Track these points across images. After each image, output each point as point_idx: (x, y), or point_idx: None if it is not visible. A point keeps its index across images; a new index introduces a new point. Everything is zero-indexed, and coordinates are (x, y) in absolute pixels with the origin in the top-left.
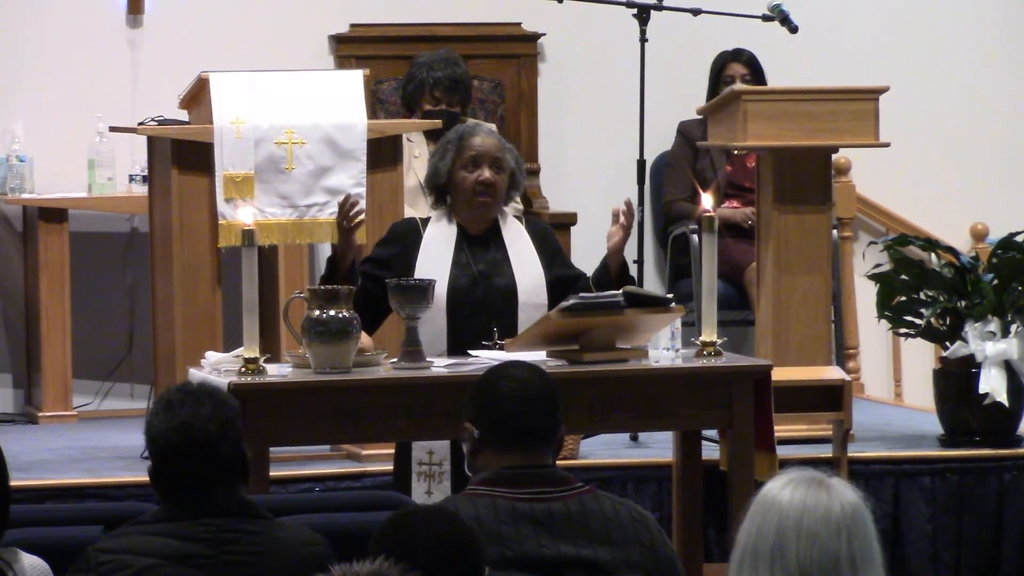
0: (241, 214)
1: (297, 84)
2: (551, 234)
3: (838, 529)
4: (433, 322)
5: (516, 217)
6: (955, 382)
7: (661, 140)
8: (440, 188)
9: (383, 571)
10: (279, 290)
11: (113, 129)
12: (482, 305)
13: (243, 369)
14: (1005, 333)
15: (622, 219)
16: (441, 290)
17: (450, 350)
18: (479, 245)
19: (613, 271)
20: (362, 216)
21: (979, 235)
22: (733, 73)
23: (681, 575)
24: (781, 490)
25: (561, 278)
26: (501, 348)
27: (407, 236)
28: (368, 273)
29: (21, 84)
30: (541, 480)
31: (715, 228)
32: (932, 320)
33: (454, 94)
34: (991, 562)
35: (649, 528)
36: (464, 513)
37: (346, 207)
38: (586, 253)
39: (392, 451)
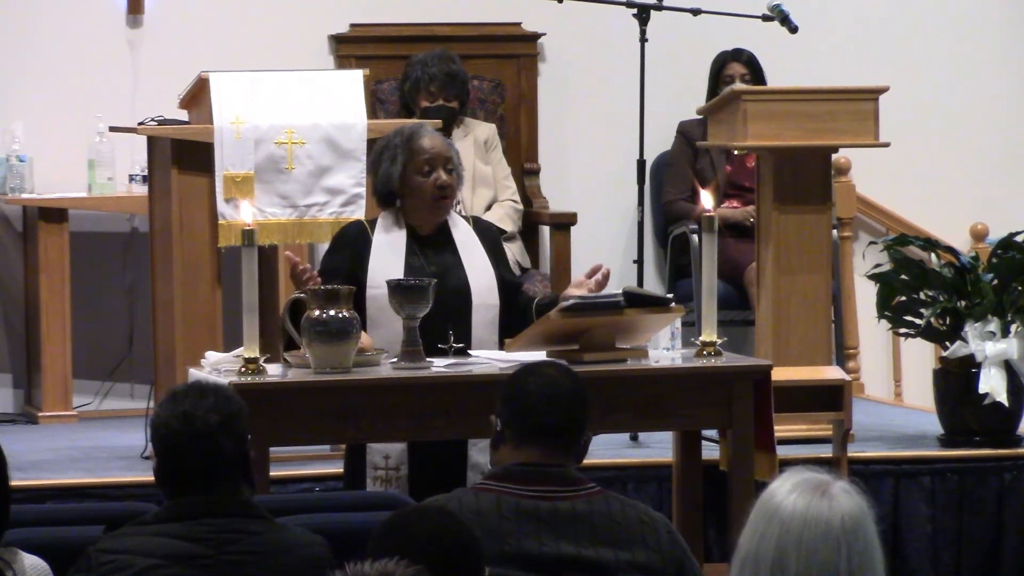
0: (241, 214)
1: (297, 84)
2: (499, 238)
3: (837, 544)
4: (389, 326)
5: (463, 216)
6: (955, 382)
7: (661, 140)
8: (390, 193)
9: (390, 571)
10: (279, 290)
11: (113, 129)
12: (437, 308)
13: (243, 369)
14: (1005, 333)
15: (592, 284)
16: None
17: None
18: (430, 247)
19: None
20: (317, 281)
21: (979, 235)
22: (733, 73)
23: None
24: (785, 498)
25: (505, 283)
26: (459, 351)
27: (356, 241)
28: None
29: (21, 84)
30: (551, 479)
31: (715, 228)
32: (932, 320)
33: (450, 89)
34: (991, 562)
35: (657, 531)
36: (466, 506)
37: (300, 275)
38: (586, 253)
39: None
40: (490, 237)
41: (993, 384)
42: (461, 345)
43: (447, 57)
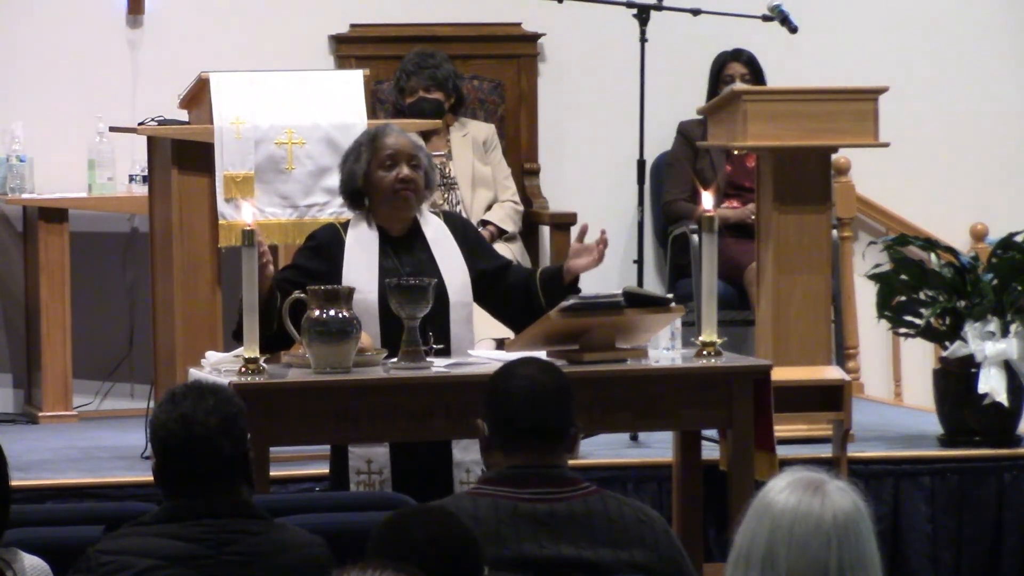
0: (241, 214)
1: (297, 84)
2: (471, 226)
3: (828, 539)
4: (365, 328)
5: (434, 212)
6: (955, 382)
7: (661, 140)
8: (356, 192)
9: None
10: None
11: (113, 129)
12: None
13: (243, 369)
14: (1005, 333)
15: (595, 253)
16: (371, 296)
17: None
18: (403, 247)
19: (566, 283)
20: (268, 256)
21: (979, 235)
22: (733, 73)
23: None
24: (778, 494)
25: (489, 270)
26: (436, 350)
27: (330, 244)
28: (291, 280)
29: (21, 84)
30: (546, 480)
31: (715, 228)
32: (932, 320)
33: (429, 81)
34: (991, 562)
35: (655, 530)
36: (464, 511)
37: (261, 257)
38: None
39: None
40: (461, 229)
41: (993, 384)
42: (440, 346)
43: (426, 53)
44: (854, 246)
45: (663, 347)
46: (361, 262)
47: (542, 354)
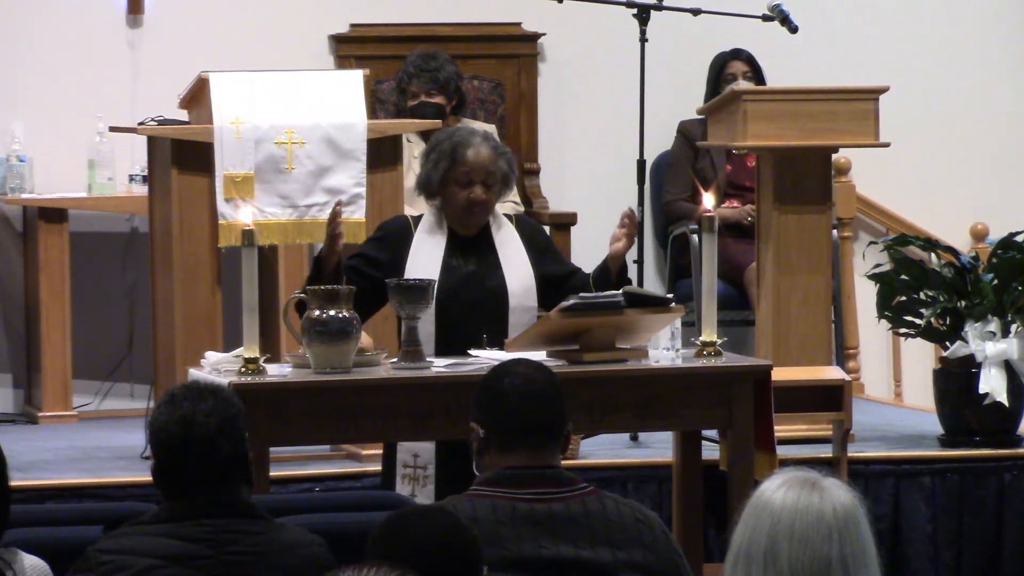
0: (241, 214)
1: (297, 84)
2: (541, 230)
3: (829, 532)
4: (422, 324)
5: (507, 216)
6: (955, 382)
7: (661, 140)
8: (431, 193)
9: None
10: (279, 290)
11: (113, 129)
12: (472, 307)
13: (243, 369)
14: (1005, 333)
15: (625, 232)
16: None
17: (439, 352)
18: (470, 247)
19: (614, 274)
20: (342, 229)
21: (979, 235)
22: (735, 71)
23: None
24: (775, 492)
25: (553, 275)
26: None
27: (398, 236)
28: (356, 269)
29: (21, 84)
30: (543, 480)
31: (715, 228)
32: (932, 320)
33: (431, 85)
34: (991, 562)
35: (653, 530)
36: (462, 513)
37: (333, 213)
38: (586, 253)
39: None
40: (530, 233)
41: (993, 384)
42: (496, 349)
43: (427, 55)
44: (854, 246)
45: (663, 347)
46: (426, 257)
47: (542, 354)
